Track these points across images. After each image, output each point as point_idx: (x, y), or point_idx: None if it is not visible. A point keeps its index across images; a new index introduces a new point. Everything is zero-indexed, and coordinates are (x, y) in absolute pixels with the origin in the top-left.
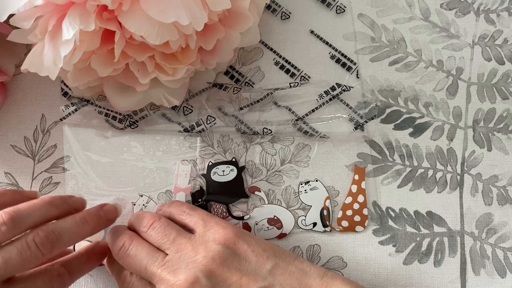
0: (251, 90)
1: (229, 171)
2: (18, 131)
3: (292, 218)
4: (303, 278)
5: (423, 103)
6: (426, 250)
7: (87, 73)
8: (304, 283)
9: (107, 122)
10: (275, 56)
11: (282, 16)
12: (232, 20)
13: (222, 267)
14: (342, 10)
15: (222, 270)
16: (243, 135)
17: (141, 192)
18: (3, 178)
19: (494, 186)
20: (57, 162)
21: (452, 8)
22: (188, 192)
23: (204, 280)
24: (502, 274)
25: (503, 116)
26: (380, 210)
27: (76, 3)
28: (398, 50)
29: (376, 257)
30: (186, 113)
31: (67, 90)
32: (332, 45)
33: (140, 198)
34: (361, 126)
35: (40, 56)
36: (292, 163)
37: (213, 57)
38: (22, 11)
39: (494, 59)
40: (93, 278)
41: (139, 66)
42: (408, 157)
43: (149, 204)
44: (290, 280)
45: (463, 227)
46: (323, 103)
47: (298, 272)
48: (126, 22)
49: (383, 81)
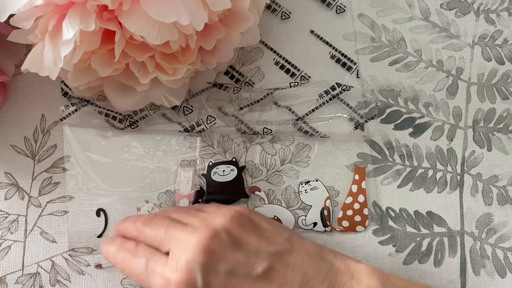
0: (251, 90)
1: (229, 171)
2: (18, 131)
3: (292, 218)
4: (318, 250)
5: (423, 103)
6: (426, 250)
7: (87, 73)
8: (320, 254)
9: (107, 122)
10: (275, 56)
11: (282, 16)
12: (232, 20)
13: (241, 228)
14: (342, 10)
15: (241, 230)
16: (243, 135)
17: (141, 192)
18: (3, 178)
19: (494, 186)
20: (57, 162)
21: (452, 8)
22: (191, 198)
23: (224, 235)
24: (502, 274)
25: (503, 116)
26: (380, 210)
27: (76, 3)
28: (398, 50)
29: (376, 257)
30: (186, 113)
31: (67, 90)
32: (332, 45)
33: (146, 204)
34: (361, 125)
35: (41, 56)
36: (292, 163)
37: (213, 57)
38: (22, 11)
39: (494, 59)
40: (93, 278)
41: (139, 66)
42: (408, 157)
43: (155, 211)
44: (307, 248)
45: (463, 227)
46: (323, 102)
47: (313, 245)
48: (126, 22)
49: (383, 81)
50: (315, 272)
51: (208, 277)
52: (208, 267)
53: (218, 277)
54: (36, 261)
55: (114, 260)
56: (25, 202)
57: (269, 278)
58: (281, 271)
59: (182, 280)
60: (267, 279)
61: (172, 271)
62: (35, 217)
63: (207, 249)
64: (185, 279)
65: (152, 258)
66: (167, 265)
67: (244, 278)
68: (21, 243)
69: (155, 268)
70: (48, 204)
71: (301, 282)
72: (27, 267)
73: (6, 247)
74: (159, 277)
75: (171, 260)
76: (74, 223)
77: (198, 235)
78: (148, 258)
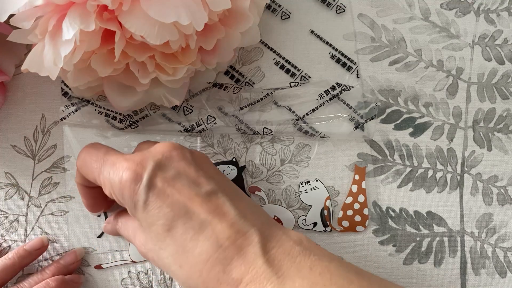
0: (251, 90)
1: (229, 171)
2: (18, 131)
3: (292, 218)
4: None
5: (423, 103)
6: (426, 250)
7: (88, 73)
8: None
9: (107, 122)
10: (275, 56)
11: (282, 16)
12: (232, 20)
13: (193, 154)
14: (342, 10)
15: (193, 156)
16: (243, 135)
17: None
18: (3, 178)
19: (494, 186)
20: (57, 162)
21: (452, 8)
22: None
23: (184, 150)
24: (502, 274)
25: (503, 116)
26: (380, 210)
27: (76, 3)
28: (398, 50)
29: (376, 257)
30: (186, 113)
31: (67, 90)
32: (332, 45)
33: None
34: (361, 126)
35: (41, 56)
36: (292, 163)
37: (213, 57)
38: (22, 11)
39: (494, 59)
40: (93, 278)
41: (139, 66)
42: (408, 157)
43: None
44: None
45: (463, 227)
46: (323, 102)
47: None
48: (126, 22)
49: (383, 81)
50: (250, 213)
51: (155, 172)
52: (160, 165)
53: (165, 178)
54: (36, 261)
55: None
56: (25, 202)
57: (209, 199)
58: (222, 199)
59: (131, 167)
60: (207, 199)
61: (127, 160)
62: (35, 217)
63: (165, 154)
64: (134, 168)
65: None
66: (126, 157)
67: (188, 188)
68: (21, 243)
69: (114, 159)
70: (48, 204)
71: (236, 215)
72: (27, 267)
73: (6, 247)
74: (111, 163)
75: (131, 155)
76: (74, 223)
77: (162, 145)
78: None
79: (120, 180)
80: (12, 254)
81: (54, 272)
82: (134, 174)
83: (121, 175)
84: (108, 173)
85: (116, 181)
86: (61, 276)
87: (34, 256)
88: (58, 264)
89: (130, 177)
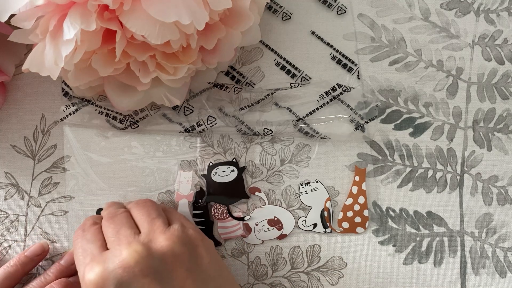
0: (251, 91)
1: (229, 172)
2: (18, 131)
3: (292, 219)
4: None
5: (423, 103)
6: (426, 250)
7: (88, 72)
8: None
9: (107, 122)
10: (276, 56)
11: (283, 17)
12: (233, 19)
13: (177, 261)
14: (343, 11)
15: (175, 262)
16: (243, 135)
17: (141, 192)
18: (3, 178)
19: (494, 186)
20: (57, 162)
21: (452, 8)
22: (191, 199)
23: (155, 262)
24: (502, 274)
25: (503, 116)
26: (380, 210)
27: (77, 3)
28: (398, 50)
29: (376, 257)
30: (187, 113)
31: (68, 90)
32: (332, 46)
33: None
34: (361, 127)
35: (41, 56)
36: (292, 163)
37: (214, 56)
38: (23, 11)
39: (494, 59)
40: None
41: (140, 66)
42: (408, 157)
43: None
44: None
45: (463, 227)
46: (323, 103)
47: None
48: (127, 22)
49: (383, 81)
50: None
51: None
52: (122, 285)
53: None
54: None
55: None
56: (25, 202)
57: None
58: None
59: (94, 283)
60: None
61: (94, 267)
62: (35, 217)
63: (127, 269)
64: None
65: (94, 245)
66: (98, 260)
67: None
68: (21, 243)
69: (89, 258)
70: (48, 204)
71: None
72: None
73: (6, 247)
74: (89, 266)
75: (104, 256)
76: (74, 223)
77: (127, 253)
78: (92, 241)
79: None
80: (14, 261)
81: (57, 274)
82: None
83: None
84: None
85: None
86: (65, 278)
87: (35, 262)
88: (59, 265)
89: None
